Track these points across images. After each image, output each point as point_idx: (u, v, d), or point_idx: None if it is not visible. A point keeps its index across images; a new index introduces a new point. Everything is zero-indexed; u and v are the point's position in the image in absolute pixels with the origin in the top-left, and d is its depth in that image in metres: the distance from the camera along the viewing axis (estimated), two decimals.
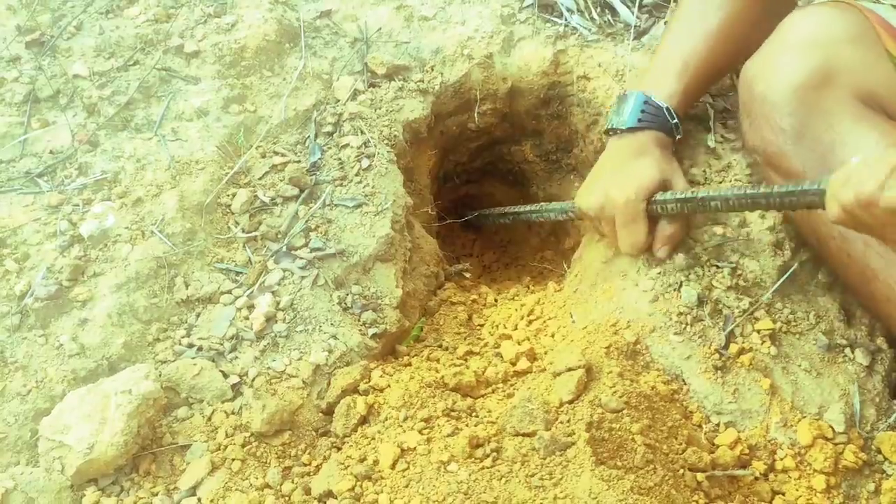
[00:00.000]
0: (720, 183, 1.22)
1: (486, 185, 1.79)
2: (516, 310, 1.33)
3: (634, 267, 1.20)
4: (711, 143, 1.26)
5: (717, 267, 1.16)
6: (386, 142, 1.39)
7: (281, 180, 1.32)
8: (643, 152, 1.20)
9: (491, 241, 1.83)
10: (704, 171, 1.24)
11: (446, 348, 1.24)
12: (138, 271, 1.16)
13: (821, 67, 1.04)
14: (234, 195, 1.29)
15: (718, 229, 1.18)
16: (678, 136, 1.23)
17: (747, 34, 1.25)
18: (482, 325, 1.35)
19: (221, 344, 1.13)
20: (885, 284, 1.04)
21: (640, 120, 1.21)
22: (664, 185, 1.17)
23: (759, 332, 1.11)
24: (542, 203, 1.47)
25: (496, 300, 1.43)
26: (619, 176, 1.19)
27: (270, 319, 1.16)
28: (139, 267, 1.17)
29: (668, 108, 1.21)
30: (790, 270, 1.14)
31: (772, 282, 1.15)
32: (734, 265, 1.16)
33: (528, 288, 1.49)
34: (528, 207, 1.50)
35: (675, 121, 1.21)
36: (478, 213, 1.74)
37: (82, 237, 1.20)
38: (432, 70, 1.48)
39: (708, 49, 1.22)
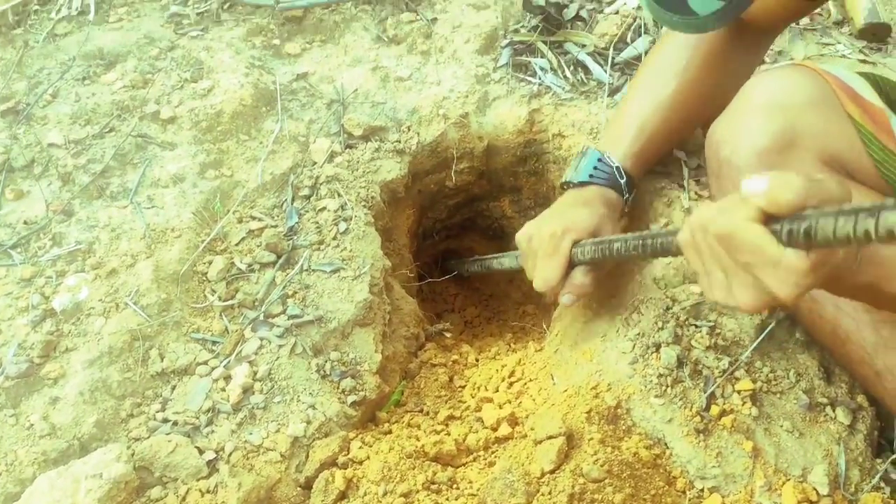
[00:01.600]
0: None
1: (465, 239, 1.79)
2: (497, 370, 1.32)
3: (613, 328, 1.20)
4: (685, 203, 1.27)
5: (696, 326, 1.16)
6: (363, 203, 1.39)
7: (258, 246, 1.32)
8: (587, 203, 1.23)
9: (473, 296, 1.83)
10: None
11: (427, 413, 1.23)
12: (111, 345, 1.15)
13: (784, 131, 1.05)
14: (210, 263, 1.28)
15: (695, 288, 1.19)
16: (627, 197, 1.25)
17: (700, 105, 1.28)
18: (463, 387, 1.33)
19: (197, 417, 1.11)
20: (857, 346, 1.04)
21: (591, 175, 1.24)
22: (595, 235, 1.17)
23: (739, 392, 1.10)
24: (506, 252, 1.48)
25: (477, 360, 1.42)
26: (557, 217, 1.21)
27: (247, 391, 1.14)
28: (112, 341, 1.15)
29: (618, 168, 1.24)
30: (768, 328, 1.14)
31: (750, 340, 1.15)
32: (712, 324, 1.16)
33: (510, 346, 1.49)
34: (489, 256, 1.53)
35: (625, 180, 1.24)
36: (451, 262, 1.75)
37: (55, 311, 1.19)
38: (409, 130, 1.49)
39: (662, 116, 1.26)
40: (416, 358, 1.39)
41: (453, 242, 1.78)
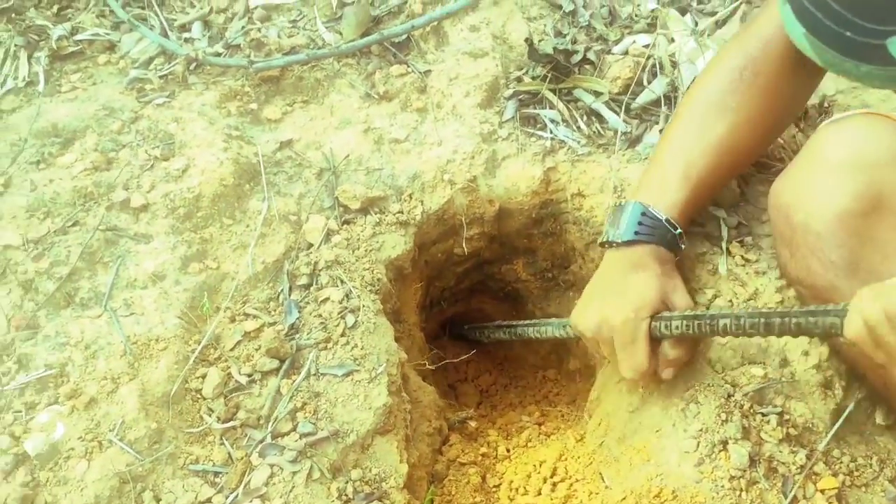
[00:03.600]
0: None
1: (475, 302, 1.65)
2: (535, 467, 1.19)
3: (668, 420, 1.07)
4: (723, 270, 1.15)
5: (763, 415, 1.04)
6: (370, 288, 1.24)
7: (256, 350, 1.16)
8: (641, 267, 1.08)
9: (486, 361, 1.69)
10: (731, 302, 1.12)
11: None
12: (98, 494, 0.98)
13: (868, 191, 0.93)
14: (204, 377, 1.12)
15: (757, 370, 1.06)
16: (681, 248, 1.12)
17: (754, 144, 1.16)
18: (498, 486, 1.20)
19: None
20: None
21: (636, 233, 1.09)
22: (664, 304, 1.06)
23: (823, 492, 0.98)
24: (540, 318, 1.34)
25: (508, 451, 1.28)
26: (616, 293, 1.07)
27: None
28: (98, 488, 0.98)
29: (667, 220, 1.09)
30: (846, 412, 1.02)
31: (825, 426, 1.03)
32: (780, 410, 1.04)
33: (540, 428, 1.35)
34: (523, 322, 1.38)
35: (678, 231, 1.10)
36: (468, 327, 1.60)
37: (28, 455, 1.02)
38: (411, 199, 1.34)
39: (710, 160, 1.11)
40: (442, 455, 1.25)
41: (462, 306, 1.64)
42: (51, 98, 1.52)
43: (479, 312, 1.66)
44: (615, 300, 1.06)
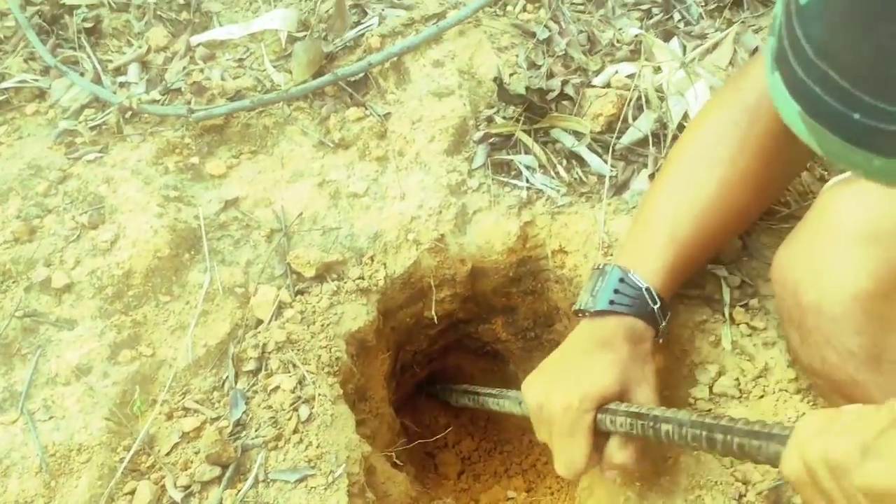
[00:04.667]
0: (760, 397, 0.95)
1: (452, 359, 1.50)
2: None
3: None
4: (727, 343, 1.00)
5: None
6: (327, 370, 1.09)
7: (196, 454, 1.01)
8: (608, 346, 0.93)
9: (467, 424, 1.54)
10: (737, 381, 0.98)
11: None
12: None
13: (888, 269, 0.78)
14: (133, 494, 0.97)
15: None
16: (661, 326, 0.97)
17: (749, 204, 1.02)
18: None
19: None
20: None
21: (611, 302, 0.94)
22: (624, 394, 0.90)
23: None
24: (501, 389, 1.18)
25: None
26: (570, 373, 0.93)
27: None
28: None
29: (647, 289, 0.95)
30: None
31: None
32: None
33: None
34: (485, 391, 1.22)
35: (657, 305, 0.95)
36: (439, 387, 1.46)
37: None
38: (372, 262, 1.19)
39: (699, 219, 0.97)
40: None
41: (437, 364, 1.49)
42: None
43: (457, 370, 1.52)
44: (566, 380, 0.91)
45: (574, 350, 0.97)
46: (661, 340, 0.99)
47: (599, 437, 0.89)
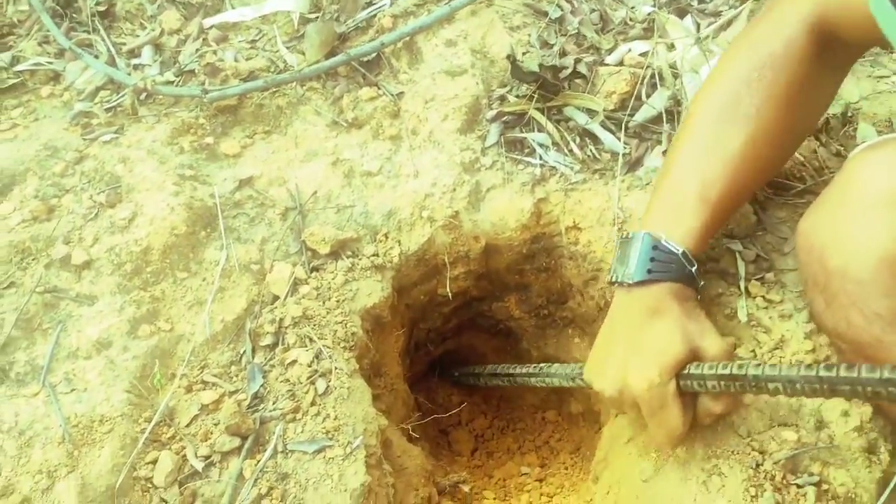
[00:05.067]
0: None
1: (465, 339, 1.51)
2: None
3: (689, 494, 0.93)
4: (743, 315, 1.01)
5: (798, 486, 0.90)
6: (343, 345, 1.10)
7: (215, 426, 1.02)
8: (659, 312, 0.93)
9: (480, 403, 1.55)
10: (753, 353, 0.98)
11: None
12: None
13: None
14: (155, 463, 0.98)
15: (789, 434, 0.92)
16: (700, 283, 0.97)
17: (772, 157, 1.00)
18: None
19: None
20: None
21: (650, 271, 0.93)
22: (693, 353, 0.90)
23: None
24: (542, 365, 1.18)
25: None
26: (634, 349, 0.92)
27: None
28: None
29: (684, 253, 0.93)
30: (893, 481, 0.88)
31: (870, 497, 0.89)
32: (817, 479, 0.90)
33: (542, 488, 1.21)
34: (524, 369, 1.21)
35: (694, 268, 0.95)
36: (459, 373, 1.46)
37: None
38: (387, 239, 1.20)
39: (730, 175, 0.95)
40: None
41: (451, 343, 1.50)
42: None
43: (470, 350, 1.53)
44: (635, 359, 0.91)
45: (627, 325, 0.96)
46: (699, 297, 0.98)
47: (685, 396, 0.90)
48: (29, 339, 1.09)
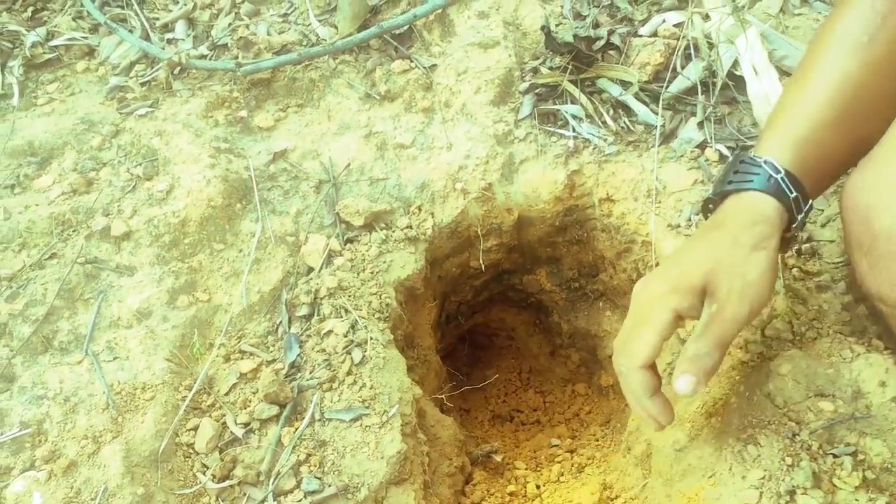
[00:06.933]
0: (814, 339, 0.96)
1: (495, 312, 1.51)
2: None
3: (724, 464, 0.93)
4: (779, 285, 1.00)
5: (835, 456, 0.90)
6: (377, 316, 1.11)
7: (254, 393, 1.04)
8: (714, 229, 0.84)
9: (512, 374, 1.56)
10: (791, 324, 0.98)
11: None
12: None
13: None
14: (196, 429, 1.01)
15: (826, 404, 0.92)
16: (801, 218, 0.85)
17: (885, 88, 0.89)
18: None
19: None
20: None
21: (730, 182, 0.85)
22: (706, 287, 0.79)
23: None
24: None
25: (539, 487, 1.15)
26: (668, 261, 0.87)
27: None
28: None
29: (768, 161, 0.84)
30: None
31: None
32: (854, 450, 0.90)
33: (573, 459, 1.22)
34: None
35: (780, 175, 0.82)
36: None
37: None
38: (420, 211, 1.20)
39: (833, 100, 0.87)
40: (466, 497, 1.13)
41: (481, 317, 1.50)
42: (26, 112, 1.39)
43: (500, 323, 1.53)
44: (661, 269, 0.85)
45: (689, 241, 0.90)
46: (798, 234, 0.88)
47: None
48: (71, 308, 1.12)
